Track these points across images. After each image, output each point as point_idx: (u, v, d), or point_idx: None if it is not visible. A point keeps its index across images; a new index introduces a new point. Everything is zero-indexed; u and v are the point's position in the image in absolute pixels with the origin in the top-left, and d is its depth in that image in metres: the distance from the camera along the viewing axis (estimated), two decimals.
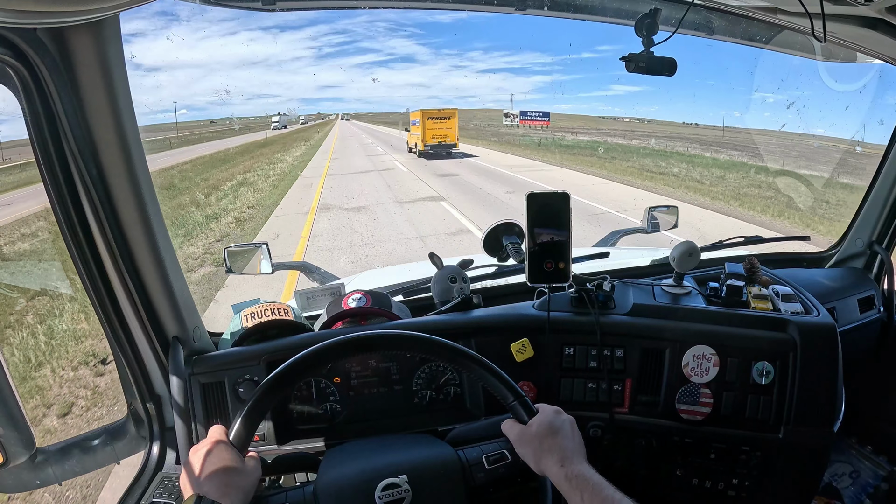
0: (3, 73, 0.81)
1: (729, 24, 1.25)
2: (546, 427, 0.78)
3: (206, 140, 34.37)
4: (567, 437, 0.77)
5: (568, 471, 0.73)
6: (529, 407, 0.81)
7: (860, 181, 7.97)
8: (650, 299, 1.20)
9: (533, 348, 1.12)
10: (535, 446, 0.77)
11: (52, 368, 3.91)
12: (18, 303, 4.66)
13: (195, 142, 33.07)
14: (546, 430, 0.77)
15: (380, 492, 0.72)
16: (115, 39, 0.83)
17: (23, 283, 4.92)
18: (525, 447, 0.78)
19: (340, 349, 0.80)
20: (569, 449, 0.76)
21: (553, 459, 0.74)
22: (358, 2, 1.05)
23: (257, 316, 1.11)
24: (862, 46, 1.17)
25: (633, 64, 1.09)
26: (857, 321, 1.49)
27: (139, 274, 0.97)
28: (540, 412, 0.80)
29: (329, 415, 1.12)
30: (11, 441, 0.80)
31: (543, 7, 1.08)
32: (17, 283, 4.86)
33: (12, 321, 4.54)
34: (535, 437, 0.77)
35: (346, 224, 8.41)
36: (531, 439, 0.77)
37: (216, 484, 0.71)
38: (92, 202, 0.89)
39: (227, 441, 0.76)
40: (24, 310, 4.70)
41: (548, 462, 0.75)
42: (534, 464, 0.77)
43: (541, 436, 0.77)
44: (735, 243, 1.52)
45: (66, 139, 0.85)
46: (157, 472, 1.04)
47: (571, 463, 0.74)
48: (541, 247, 1.05)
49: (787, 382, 1.10)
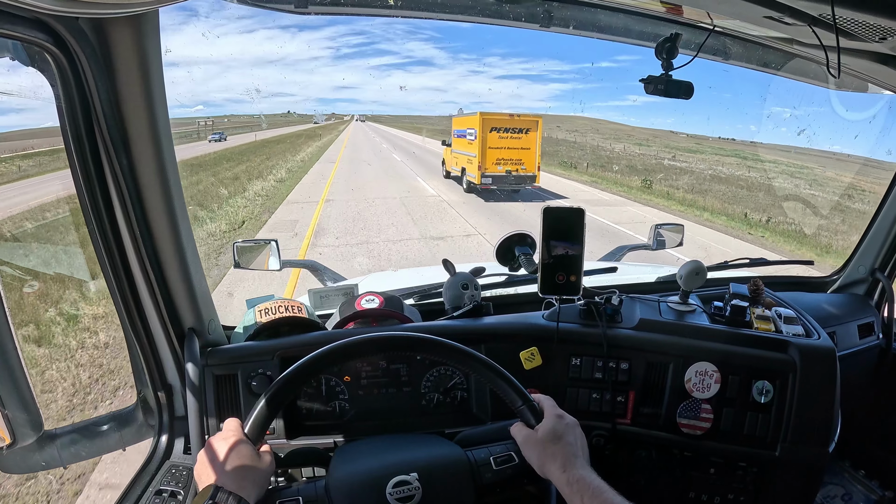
0: (41, 58, 0.83)
1: (745, 51, 1.28)
2: (551, 432, 0.80)
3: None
4: (570, 443, 0.79)
5: (570, 475, 0.74)
6: (536, 411, 0.83)
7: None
8: (656, 315, 1.22)
9: (541, 357, 1.15)
10: (539, 450, 0.79)
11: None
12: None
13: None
14: (551, 434, 0.79)
15: (391, 488, 0.74)
16: (153, 33, 0.84)
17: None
18: (531, 450, 0.80)
19: (356, 348, 0.82)
20: (572, 454, 0.78)
21: (556, 464, 0.76)
22: (387, 10, 1.08)
23: (271, 312, 1.13)
24: (874, 79, 1.20)
25: (651, 86, 1.12)
26: (856, 346, 1.52)
27: (160, 264, 0.98)
28: (545, 417, 0.83)
29: (338, 412, 1.13)
30: (20, 422, 0.81)
31: (568, 26, 1.11)
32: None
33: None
34: (541, 441, 0.79)
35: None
36: (537, 443, 0.80)
37: (233, 476, 0.72)
38: (120, 191, 0.90)
39: (244, 434, 0.77)
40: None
41: (551, 466, 0.77)
42: (538, 467, 0.79)
43: (546, 440, 0.79)
44: (740, 264, 1.55)
45: (100, 128, 0.86)
46: (165, 460, 1.05)
47: (573, 467, 0.75)
48: (554, 259, 1.08)
49: (786, 402, 1.12)
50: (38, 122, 10.47)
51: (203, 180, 13.71)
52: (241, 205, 10.63)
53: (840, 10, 0.80)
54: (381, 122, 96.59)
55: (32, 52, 0.83)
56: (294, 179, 14.99)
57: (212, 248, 7.34)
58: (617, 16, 1.14)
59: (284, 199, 11.58)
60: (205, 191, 12.28)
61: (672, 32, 1.10)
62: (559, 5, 1.08)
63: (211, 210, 10.05)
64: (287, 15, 1.08)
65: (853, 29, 0.90)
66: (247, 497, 0.70)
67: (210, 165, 17.43)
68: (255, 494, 0.73)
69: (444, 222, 9.21)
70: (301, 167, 18.54)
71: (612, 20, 1.15)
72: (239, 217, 9.46)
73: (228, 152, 22.80)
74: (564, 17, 1.11)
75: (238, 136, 34.01)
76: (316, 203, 10.77)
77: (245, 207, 10.41)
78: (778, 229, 11.50)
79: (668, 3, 1.08)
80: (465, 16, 1.09)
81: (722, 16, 1.09)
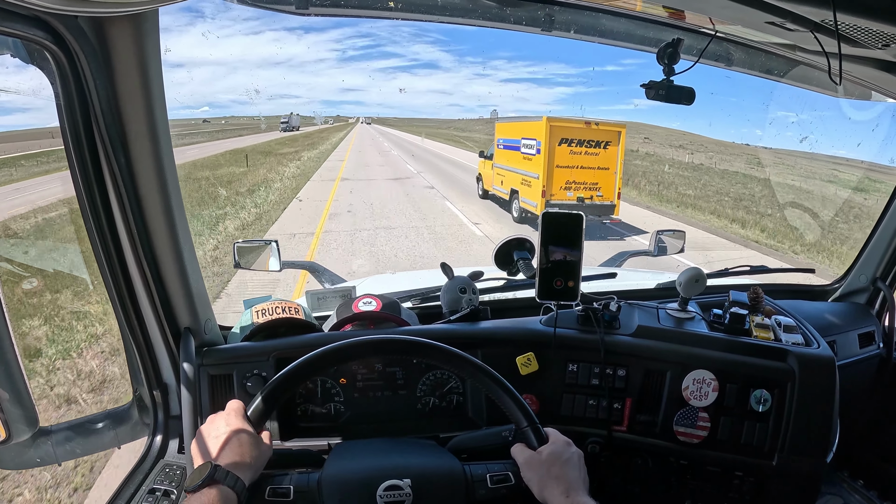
0: (40, 56, 0.83)
1: (748, 57, 1.27)
2: (556, 456, 0.79)
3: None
4: (574, 469, 0.78)
5: (572, 501, 0.73)
6: (541, 434, 0.82)
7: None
8: (654, 322, 1.22)
9: (538, 362, 1.14)
10: (541, 473, 0.78)
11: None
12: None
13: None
14: (555, 458, 0.78)
15: (382, 491, 0.74)
16: (153, 33, 0.85)
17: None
18: (532, 472, 0.79)
19: (359, 349, 0.83)
20: (574, 480, 0.77)
21: (559, 488, 0.75)
22: (389, 12, 1.08)
23: (269, 313, 1.13)
24: (877, 86, 1.19)
25: (653, 91, 1.12)
26: (856, 356, 1.51)
27: (157, 263, 0.98)
28: (551, 441, 0.82)
29: (333, 415, 1.13)
30: (15, 418, 0.81)
31: (570, 30, 1.10)
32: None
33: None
34: (543, 463, 0.78)
35: None
36: (539, 465, 0.78)
37: (231, 455, 0.72)
38: (118, 190, 0.91)
39: (245, 415, 0.77)
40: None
41: (552, 490, 0.75)
42: (537, 490, 0.77)
43: (549, 463, 0.78)
44: (740, 272, 1.54)
45: (98, 127, 0.86)
46: (159, 459, 1.05)
47: (577, 494, 0.75)
48: (553, 264, 1.07)
49: (784, 411, 1.11)
50: (43, 122, 10.46)
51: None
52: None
53: (842, 17, 0.79)
54: (388, 124, 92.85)
55: (32, 49, 0.83)
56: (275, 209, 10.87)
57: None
58: (619, 20, 1.13)
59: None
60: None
61: (674, 38, 1.09)
62: (560, 9, 1.08)
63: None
64: (293, 17, 1.08)
65: (856, 35, 0.89)
66: (242, 478, 0.70)
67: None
68: (249, 476, 0.73)
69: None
70: (293, 183, 14.69)
71: (613, 24, 1.15)
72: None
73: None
74: (566, 21, 1.11)
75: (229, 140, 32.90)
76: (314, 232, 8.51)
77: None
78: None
79: (670, 7, 1.08)
80: (466, 19, 1.09)
81: (724, 21, 1.08)
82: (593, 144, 9.12)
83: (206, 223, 8.91)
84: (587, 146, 9.11)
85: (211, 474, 0.68)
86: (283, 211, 10.57)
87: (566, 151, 9.03)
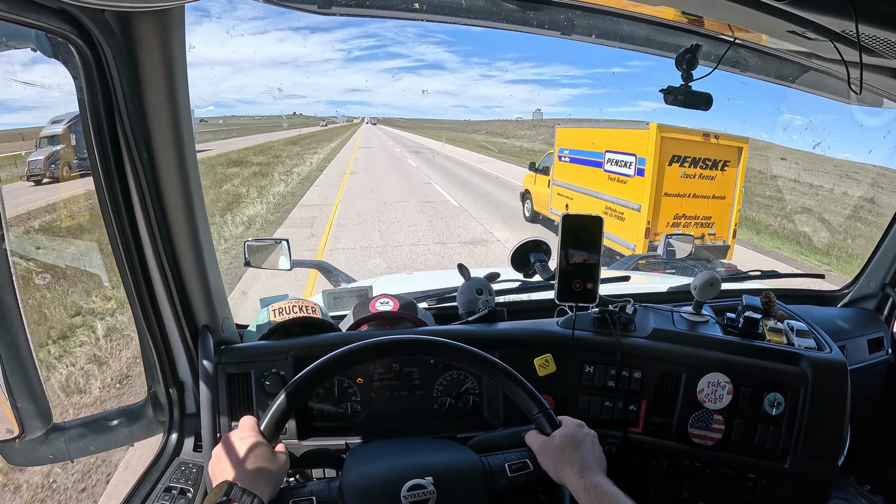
0: (65, 50, 0.82)
1: (763, 63, 1.28)
2: (568, 439, 0.80)
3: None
4: (588, 450, 0.79)
5: (587, 481, 0.74)
6: (553, 419, 0.83)
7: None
8: (670, 325, 1.22)
9: (556, 364, 1.14)
10: (556, 456, 0.79)
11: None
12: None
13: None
14: (568, 441, 0.79)
15: (405, 491, 0.73)
16: (179, 29, 0.84)
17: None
18: (546, 457, 0.80)
19: (370, 352, 0.82)
20: (589, 460, 0.78)
21: (574, 469, 0.76)
22: (412, 13, 1.08)
23: (285, 312, 1.12)
24: (894, 95, 1.20)
25: (671, 96, 1.13)
26: (865, 361, 1.52)
27: (177, 261, 0.98)
28: (563, 425, 0.83)
29: (349, 414, 1.12)
30: (29, 414, 0.80)
31: (591, 34, 1.11)
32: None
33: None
34: (557, 447, 0.79)
35: None
36: (553, 450, 0.79)
37: (248, 473, 0.72)
38: (139, 186, 0.90)
39: (259, 432, 0.77)
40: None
41: (567, 471, 0.76)
42: (553, 473, 0.78)
43: (562, 446, 0.79)
44: (752, 277, 1.55)
45: (122, 122, 0.86)
46: (175, 457, 1.05)
47: (591, 474, 0.75)
48: (573, 267, 1.08)
49: (797, 414, 1.12)
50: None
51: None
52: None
53: (864, 27, 0.80)
54: (394, 125, 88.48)
55: (56, 43, 0.82)
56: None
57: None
58: (639, 25, 1.14)
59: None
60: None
61: (693, 43, 1.10)
62: (583, 14, 1.08)
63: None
64: (299, 17, 1.09)
65: (875, 46, 0.90)
66: (260, 495, 0.70)
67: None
68: (268, 493, 0.72)
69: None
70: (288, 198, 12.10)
71: (633, 30, 1.15)
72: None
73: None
74: (587, 25, 1.11)
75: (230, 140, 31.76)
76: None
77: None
78: None
79: (690, 14, 1.08)
80: (489, 21, 1.09)
81: (744, 28, 1.09)
82: (709, 165, 6.36)
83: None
84: (702, 167, 6.35)
85: (227, 493, 0.67)
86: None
87: (677, 174, 6.26)
